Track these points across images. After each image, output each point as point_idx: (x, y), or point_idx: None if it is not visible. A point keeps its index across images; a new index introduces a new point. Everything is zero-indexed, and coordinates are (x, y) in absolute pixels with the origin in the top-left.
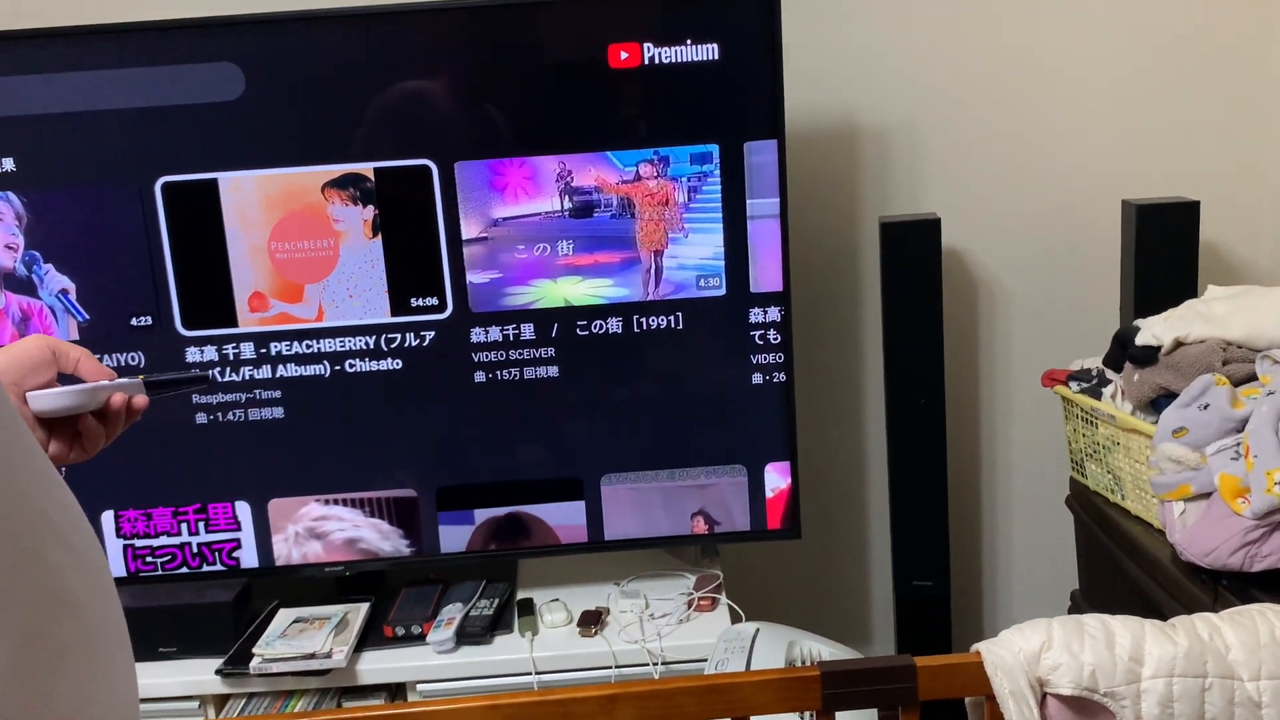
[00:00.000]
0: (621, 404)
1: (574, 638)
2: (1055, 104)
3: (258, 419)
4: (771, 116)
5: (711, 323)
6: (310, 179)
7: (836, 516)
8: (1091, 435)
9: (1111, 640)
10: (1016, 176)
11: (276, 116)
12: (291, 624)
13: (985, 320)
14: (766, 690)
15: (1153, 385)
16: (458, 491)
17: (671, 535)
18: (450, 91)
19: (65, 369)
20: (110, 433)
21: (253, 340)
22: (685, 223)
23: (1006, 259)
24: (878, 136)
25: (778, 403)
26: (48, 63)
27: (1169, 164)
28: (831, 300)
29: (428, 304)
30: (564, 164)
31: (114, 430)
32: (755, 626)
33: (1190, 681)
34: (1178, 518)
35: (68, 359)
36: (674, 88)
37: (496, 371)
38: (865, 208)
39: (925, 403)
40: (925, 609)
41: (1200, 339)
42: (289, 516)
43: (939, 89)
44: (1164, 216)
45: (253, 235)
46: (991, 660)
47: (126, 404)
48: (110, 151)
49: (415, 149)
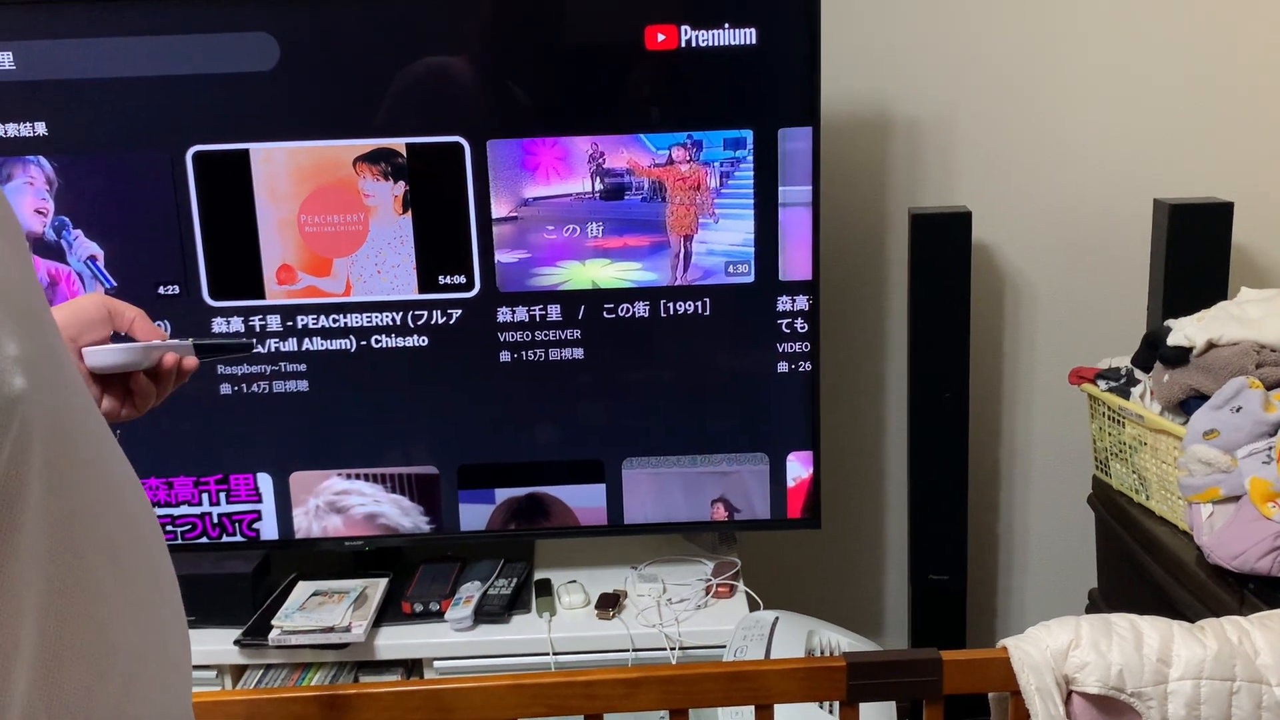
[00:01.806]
0: (645, 388)
1: (591, 620)
2: (1089, 100)
3: (282, 391)
4: (807, 103)
5: (739, 309)
6: (342, 153)
7: (854, 507)
8: (1118, 434)
9: (1140, 640)
10: (1047, 172)
11: (310, 89)
12: (310, 597)
13: (1011, 315)
14: (791, 679)
15: (1183, 386)
16: (479, 470)
17: (691, 521)
18: (484, 68)
19: (120, 328)
20: (161, 392)
21: (280, 313)
22: (716, 208)
23: (1035, 255)
24: (910, 127)
25: (802, 392)
26: (83, 28)
27: (1202, 164)
28: (857, 290)
29: (455, 282)
30: (596, 145)
31: (164, 390)
32: (774, 615)
33: (1218, 684)
34: (1206, 520)
35: (123, 318)
36: (710, 71)
37: (522, 352)
38: (895, 198)
39: (949, 396)
40: (941, 603)
41: (1233, 341)
42: (310, 490)
43: (973, 81)
44: (1196, 217)
45: (282, 208)
46: (1018, 656)
47: (178, 364)
48: (143, 119)
49: (447, 125)
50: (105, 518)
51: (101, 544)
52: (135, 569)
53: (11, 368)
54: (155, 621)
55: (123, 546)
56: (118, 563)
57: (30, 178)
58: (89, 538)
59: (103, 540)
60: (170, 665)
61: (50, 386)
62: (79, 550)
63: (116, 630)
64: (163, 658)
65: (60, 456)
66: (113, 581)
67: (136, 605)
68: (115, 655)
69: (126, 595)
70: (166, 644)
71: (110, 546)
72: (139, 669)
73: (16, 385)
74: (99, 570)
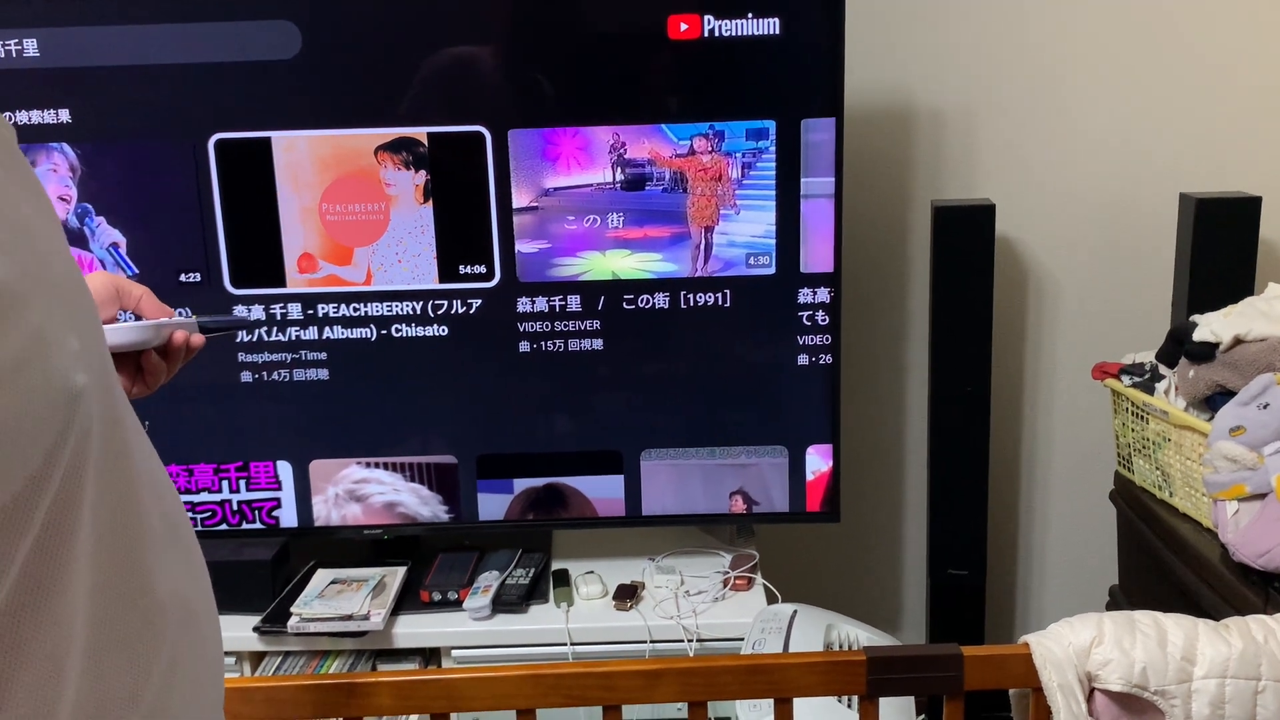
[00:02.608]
0: (665, 380)
1: (609, 610)
2: (1115, 92)
3: (302, 380)
4: (830, 94)
5: (759, 301)
6: (363, 142)
7: (873, 500)
8: (1141, 430)
9: (1164, 638)
10: (1072, 165)
11: (332, 77)
12: (329, 585)
13: (1034, 309)
14: (811, 673)
15: (1209, 382)
16: (498, 460)
17: (710, 513)
18: (506, 58)
19: (127, 306)
20: (170, 369)
21: (300, 301)
22: (737, 199)
23: (1058, 248)
24: (933, 118)
25: (823, 385)
26: (107, 15)
27: (1230, 158)
28: (878, 282)
29: (476, 271)
30: (618, 135)
31: (174, 367)
32: (793, 608)
33: (1243, 683)
34: (1231, 517)
35: (130, 296)
36: (733, 61)
37: (541, 342)
38: (917, 190)
39: (971, 391)
40: (959, 598)
41: (1261, 337)
42: (329, 478)
43: (997, 72)
44: (1223, 211)
45: (304, 196)
46: (1040, 653)
47: (186, 342)
48: (166, 107)
49: (469, 115)
50: (146, 508)
51: (143, 534)
52: (172, 558)
53: (74, 363)
54: (192, 611)
55: (161, 536)
56: (158, 551)
57: (54, 165)
58: (132, 528)
59: (144, 530)
60: (206, 654)
61: (102, 380)
62: (124, 541)
63: (157, 620)
64: (200, 647)
65: (110, 449)
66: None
67: (174, 595)
68: (157, 645)
69: (168, 585)
70: (203, 633)
71: (151, 536)
72: (178, 658)
73: (79, 381)
74: (144, 560)
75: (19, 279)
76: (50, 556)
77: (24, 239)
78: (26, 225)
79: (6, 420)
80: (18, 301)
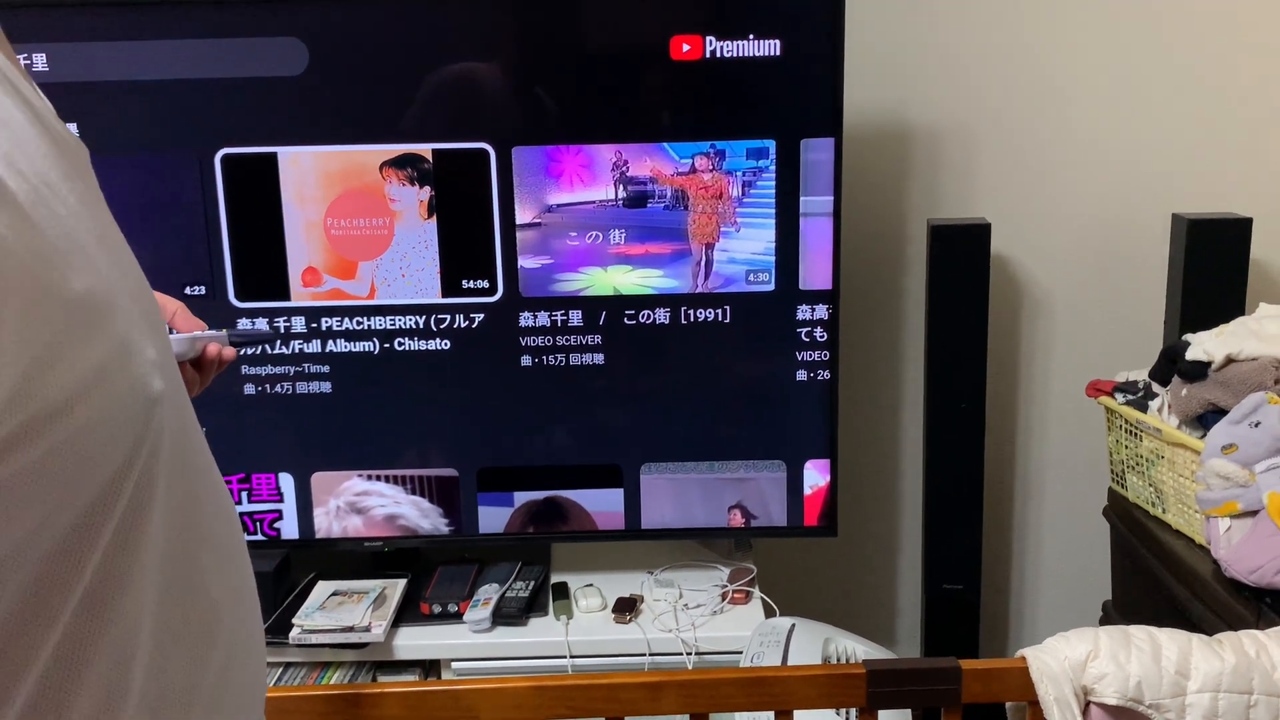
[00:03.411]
0: (665, 394)
1: (608, 623)
2: (1109, 113)
3: (305, 392)
4: (830, 114)
5: (759, 318)
6: (369, 157)
7: (870, 515)
8: (1135, 448)
9: (1158, 652)
10: (1067, 185)
11: (338, 94)
12: (330, 596)
13: (1028, 327)
14: (811, 686)
15: (1201, 401)
16: (499, 473)
17: (709, 527)
18: (511, 76)
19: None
20: (203, 381)
21: (304, 314)
22: (738, 217)
23: (1052, 267)
24: (929, 138)
25: (821, 400)
26: (115, 30)
27: (1221, 179)
28: (875, 300)
29: (479, 286)
30: (620, 153)
31: (206, 379)
32: (791, 621)
33: (1236, 697)
34: (1223, 534)
35: (165, 311)
36: (734, 82)
37: (543, 356)
38: (913, 209)
39: (966, 407)
40: (954, 612)
41: (1252, 357)
42: (331, 490)
43: (993, 93)
44: (1215, 232)
45: (309, 211)
46: (1037, 666)
47: (219, 354)
48: (173, 121)
49: (473, 132)
50: (207, 508)
51: (204, 534)
52: (228, 556)
53: (151, 370)
54: (245, 609)
55: (220, 535)
56: (215, 551)
57: None
58: (195, 528)
59: (205, 530)
60: (254, 651)
61: (174, 386)
62: (188, 542)
63: (215, 618)
64: (249, 644)
65: (178, 453)
66: (213, 571)
67: (230, 593)
68: (213, 642)
69: (222, 584)
70: (251, 631)
71: (210, 536)
72: (232, 655)
73: (156, 387)
74: (202, 559)
75: (105, 289)
76: (124, 554)
77: (106, 250)
78: (106, 236)
79: (95, 422)
80: (106, 309)
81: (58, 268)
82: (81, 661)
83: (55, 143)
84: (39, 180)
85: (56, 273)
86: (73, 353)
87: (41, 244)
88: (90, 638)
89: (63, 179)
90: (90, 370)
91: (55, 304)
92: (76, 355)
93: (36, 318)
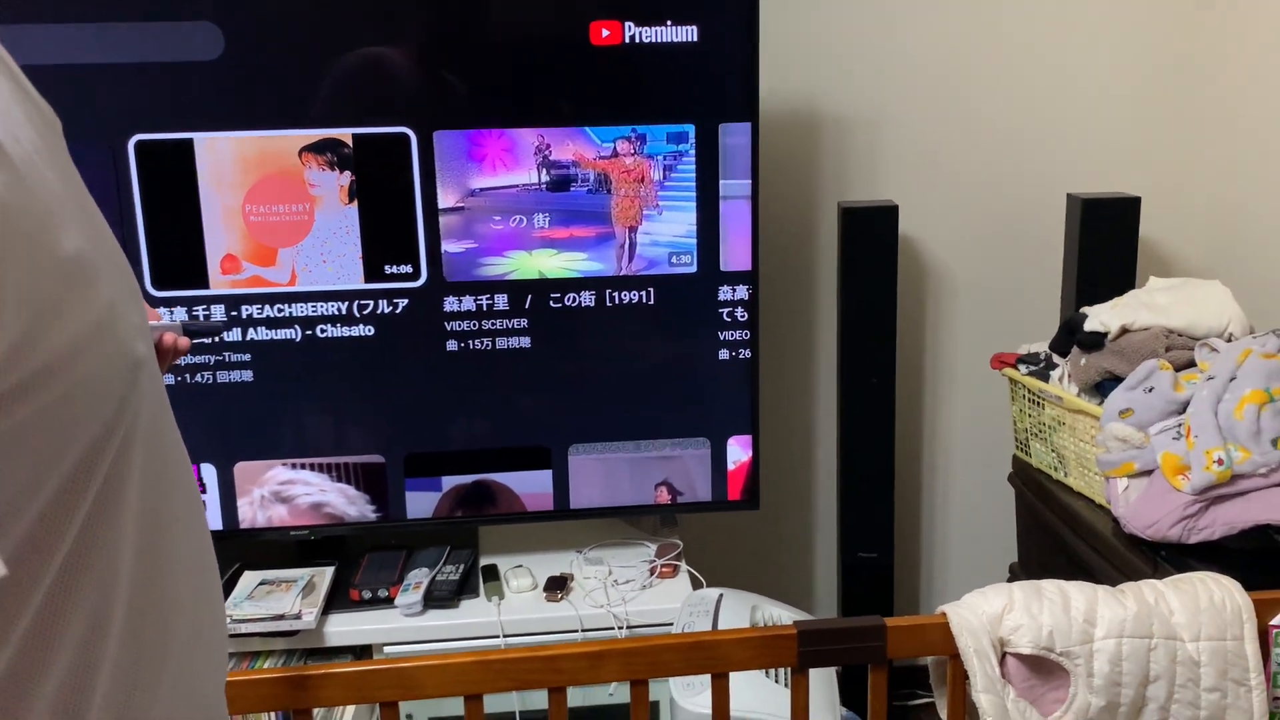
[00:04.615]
0: (591, 376)
1: (540, 602)
2: (1008, 100)
3: (226, 381)
4: (746, 99)
5: (681, 299)
6: (287, 143)
7: (787, 488)
8: (1038, 416)
9: (1068, 603)
10: (968, 168)
11: (256, 78)
12: (258, 586)
13: (933, 305)
14: (745, 648)
15: (1099, 369)
16: (426, 459)
17: (637, 505)
18: (431, 60)
19: None
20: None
21: (224, 303)
22: (660, 200)
23: (956, 246)
24: (838, 124)
25: (742, 378)
26: (24, 12)
27: (1112, 161)
28: (790, 280)
29: (402, 271)
30: (543, 137)
31: (162, 369)
32: (718, 592)
33: (1138, 642)
34: (1121, 493)
35: None
36: (653, 67)
37: (469, 341)
38: (825, 192)
39: (876, 382)
40: (869, 578)
41: (1145, 326)
42: (255, 480)
43: (898, 81)
44: (1107, 210)
45: (227, 197)
46: (957, 621)
47: (175, 344)
48: (84, 107)
49: (394, 117)
50: (178, 482)
51: (174, 504)
52: (191, 526)
53: (135, 335)
54: (209, 582)
55: (186, 506)
56: (182, 521)
57: None
58: (166, 498)
59: (174, 500)
60: (218, 622)
61: (152, 354)
62: (159, 508)
63: (183, 591)
64: (214, 618)
65: (153, 422)
66: (181, 539)
67: (196, 567)
68: (182, 614)
69: (189, 552)
70: (214, 600)
71: (180, 510)
72: (198, 627)
73: (140, 350)
74: (173, 530)
75: (93, 252)
76: (103, 516)
77: (90, 216)
78: (85, 204)
79: (87, 380)
80: (93, 272)
81: (50, 230)
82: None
83: (37, 111)
84: (30, 147)
85: (50, 234)
86: (67, 312)
87: (37, 205)
88: (70, 601)
89: (45, 147)
90: (82, 331)
91: (51, 265)
92: (70, 315)
93: (35, 277)
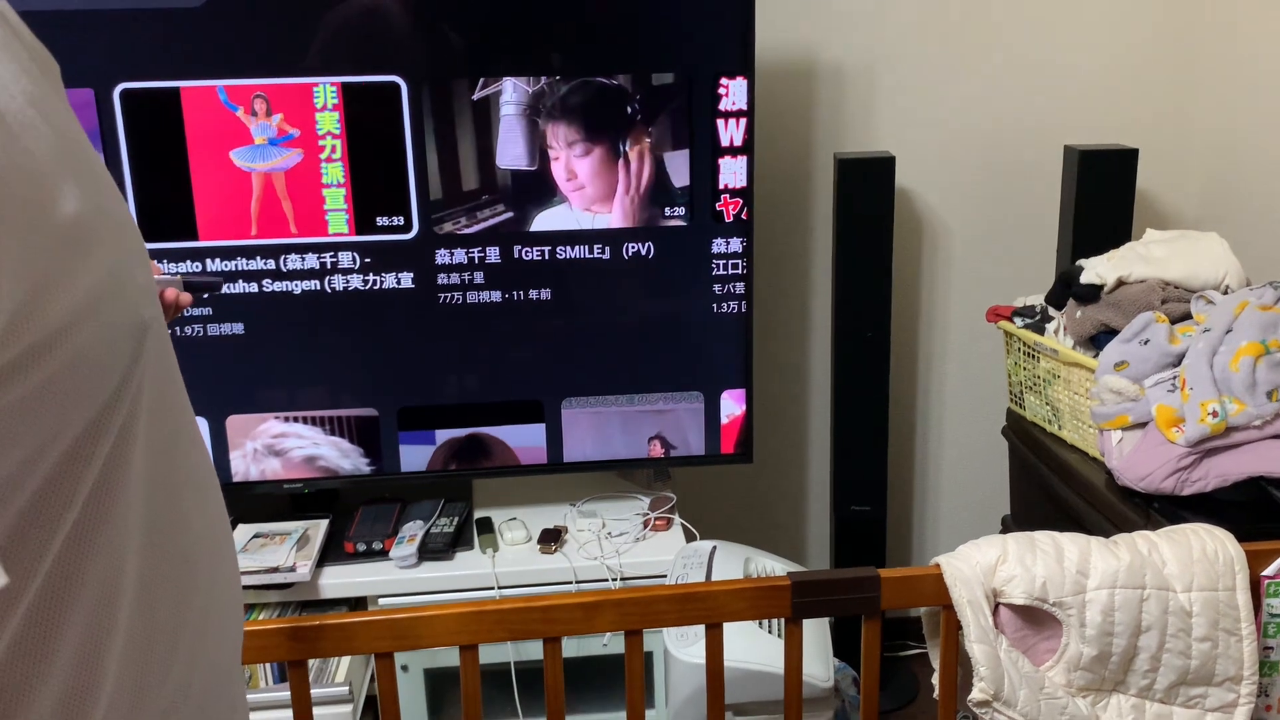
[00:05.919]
0: (585, 329)
1: (534, 554)
2: (1005, 52)
3: (217, 334)
4: (743, 51)
5: (677, 251)
6: (276, 92)
7: (781, 441)
8: (1032, 369)
9: (1061, 554)
10: (965, 119)
11: (242, 26)
12: (252, 539)
13: (930, 257)
14: (740, 599)
15: (1094, 322)
16: (420, 412)
17: (630, 458)
18: (423, 8)
19: None
20: None
21: (215, 255)
22: (654, 152)
23: (952, 198)
24: (835, 74)
25: (737, 331)
26: None
27: (1110, 113)
28: (784, 232)
29: (394, 224)
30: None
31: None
32: (712, 544)
33: (1130, 593)
34: (1116, 445)
35: None
36: (652, 19)
37: (462, 294)
38: (821, 143)
39: (871, 335)
40: (862, 531)
41: (1141, 279)
42: (247, 433)
43: (896, 31)
44: (1104, 162)
45: (215, 148)
46: (950, 572)
47: (176, 299)
48: (69, 54)
49: (385, 65)
50: (190, 447)
51: (185, 471)
52: (205, 493)
53: (142, 297)
54: (223, 546)
55: (199, 472)
56: (194, 488)
57: None
58: (176, 465)
59: (185, 467)
60: (232, 588)
61: (158, 317)
62: (169, 477)
63: (198, 558)
64: (228, 582)
65: (161, 386)
66: (193, 508)
67: (211, 534)
68: (197, 582)
69: (202, 521)
70: (228, 570)
71: (190, 473)
72: (214, 595)
73: (147, 314)
74: (184, 497)
75: (94, 212)
76: (109, 485)
77: (90, 172)
78: (88, 157)
79: (92, 346)
80: (95, 234)
81: (48, 191)
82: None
83: (35, 59)
84: (25, 100)
85: (48, 197)
86: (68, 279)
87: (34, 166)
88: (76, 573)
89: (45, 98)
90: (85, 296)
91: (50, 229)
92: (71, 281)
93: (35, 244)
